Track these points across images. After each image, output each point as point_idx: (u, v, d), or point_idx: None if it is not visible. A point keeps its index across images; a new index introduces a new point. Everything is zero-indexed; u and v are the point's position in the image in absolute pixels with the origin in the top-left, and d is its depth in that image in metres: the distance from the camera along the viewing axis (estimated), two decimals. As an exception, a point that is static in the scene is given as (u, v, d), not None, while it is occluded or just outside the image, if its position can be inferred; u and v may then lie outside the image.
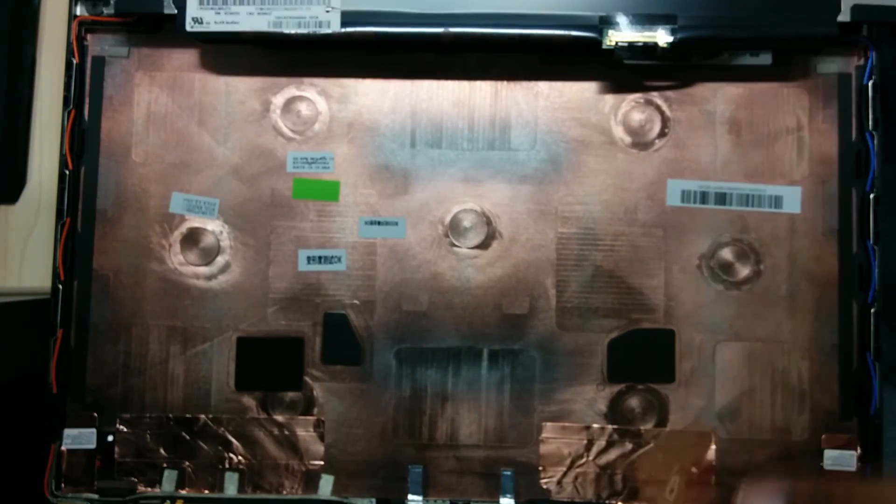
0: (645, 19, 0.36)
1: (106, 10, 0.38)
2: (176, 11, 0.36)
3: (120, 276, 0.38)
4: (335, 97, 0.39)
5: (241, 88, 0.39)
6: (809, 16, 0.36)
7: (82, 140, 0.38)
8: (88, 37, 0.39)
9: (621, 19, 0.36)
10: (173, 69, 0.39)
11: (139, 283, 0.38)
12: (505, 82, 0.39)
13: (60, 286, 0.37)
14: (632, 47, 0.36)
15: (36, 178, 0.39)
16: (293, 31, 0.36)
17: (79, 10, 0.38)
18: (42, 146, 0.38)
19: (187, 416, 0.38)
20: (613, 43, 0.36)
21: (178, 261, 0.38)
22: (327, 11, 0.36)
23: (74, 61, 0.38)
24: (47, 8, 0.39)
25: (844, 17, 0.36)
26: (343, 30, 0.35)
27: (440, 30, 0.36)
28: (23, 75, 0.39)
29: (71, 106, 0.38)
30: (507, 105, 0.39)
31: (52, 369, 0.37)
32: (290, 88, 0.39)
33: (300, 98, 0.39)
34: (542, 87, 0.39)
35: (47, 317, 0.37)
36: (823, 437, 0.37)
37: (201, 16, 0.36)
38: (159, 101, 0.39)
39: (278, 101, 0.39)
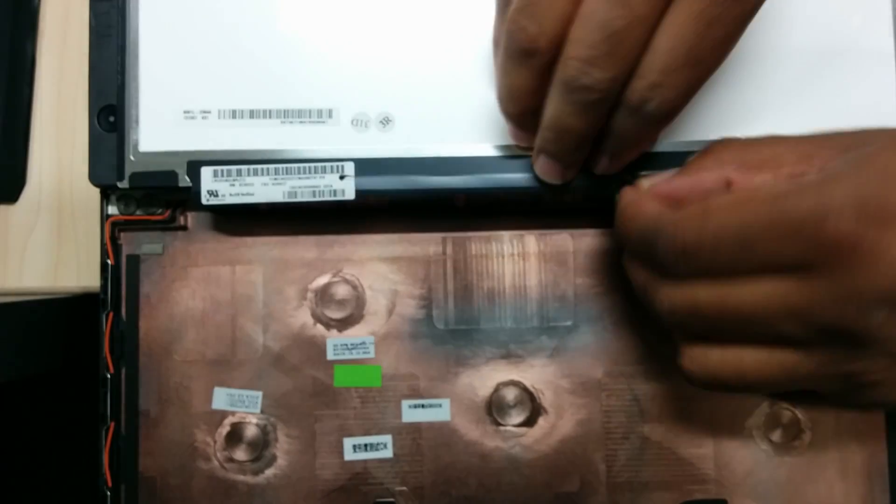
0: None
1: (137, 210, 0.38)
2: (191, 184, 0.36)
3: (167, 477, 0.38)
4: (372, 281, 0.39)
5: (277, 278, 0.39)
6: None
7: (122, 342, 0.38)
8: (122, 235, 0.39)
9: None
10: (208, 263, 0.39)
11: (186, 483, 0.38)
12: (538, 257, 0.39)
13: (108, 492, 0.37)
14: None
15: (36, 178, 0.38)
16: (308, 200, 0.36)
17: (110, 210, 0.38)
18: (42, 146, 0.38)
19: None
20: None
21: (224, 457, 0.38)
22: (341, 178, 0.36)
23: (110, 263, 0.38)
24: (47, 8, 0.39)
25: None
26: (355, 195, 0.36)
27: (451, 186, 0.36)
28: (23, 75, 0.38)
29: (108, 309, 0.38)
30: (545, 279, 0.39)
31: (104, 578, 0.37)
32: (326, 275, 0.39)
33: (337, 283, 0.39)
34: (573, 257, 0.39)
35: (47, 317, 0.36)
36: None
37: (216, 188, 0.36)
38: (196, 296, 0.38)
39: (314, 288, 0.39)
